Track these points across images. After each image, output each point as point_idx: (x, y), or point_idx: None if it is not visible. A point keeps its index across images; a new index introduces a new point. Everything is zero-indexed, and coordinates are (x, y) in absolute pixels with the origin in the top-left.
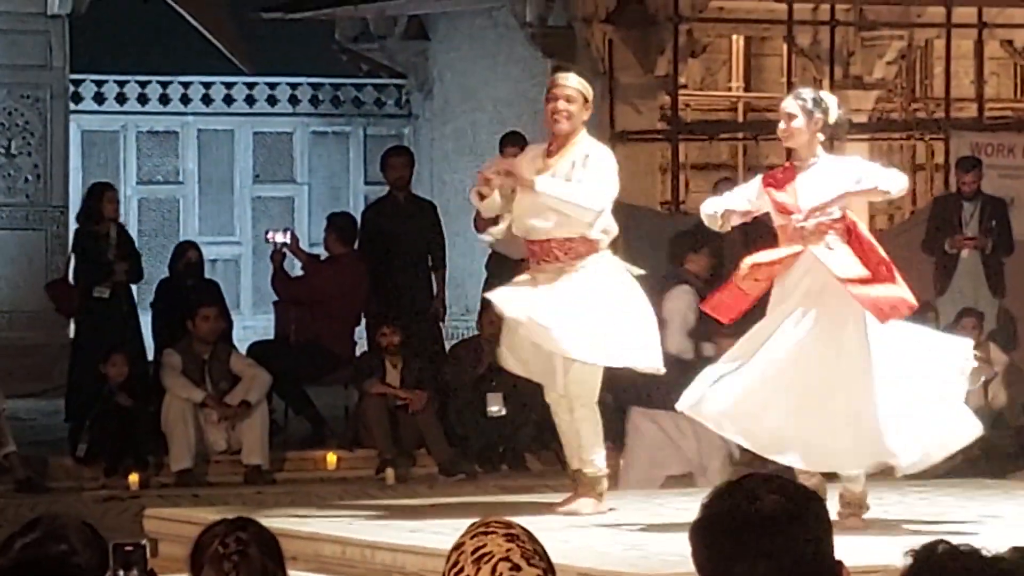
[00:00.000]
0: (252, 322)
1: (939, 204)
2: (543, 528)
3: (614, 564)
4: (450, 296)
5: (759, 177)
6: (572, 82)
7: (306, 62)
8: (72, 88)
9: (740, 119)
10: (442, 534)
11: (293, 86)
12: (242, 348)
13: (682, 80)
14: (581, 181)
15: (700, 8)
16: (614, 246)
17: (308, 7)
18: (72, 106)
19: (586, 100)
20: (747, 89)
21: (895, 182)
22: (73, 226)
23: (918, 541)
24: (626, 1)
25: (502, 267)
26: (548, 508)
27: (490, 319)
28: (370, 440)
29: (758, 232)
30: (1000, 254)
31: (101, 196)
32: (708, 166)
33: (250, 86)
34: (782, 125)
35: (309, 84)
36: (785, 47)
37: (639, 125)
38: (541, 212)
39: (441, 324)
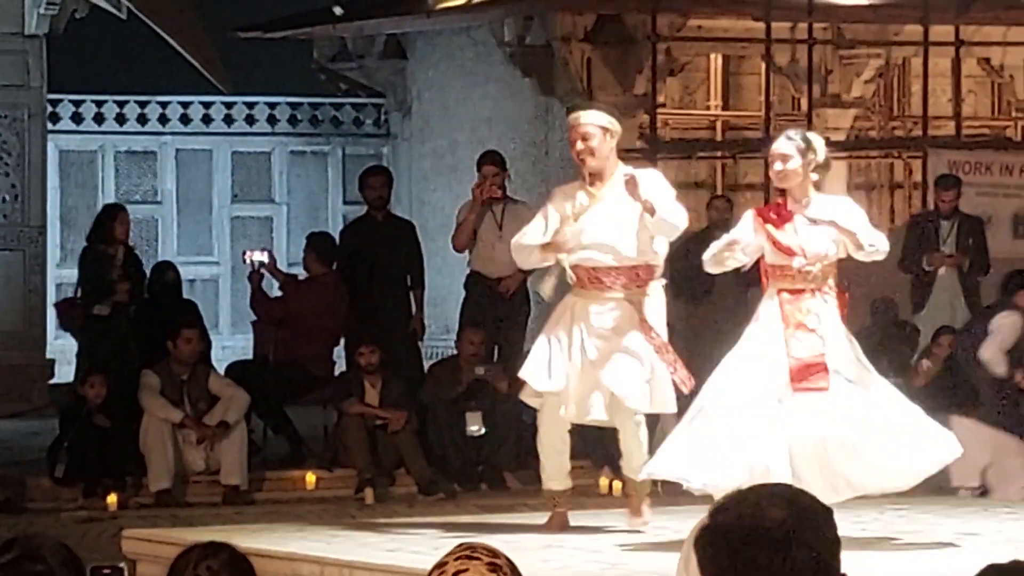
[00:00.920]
0: (231, 342)
1: (916, 222)
2: (521, 548)
3: None
4: (429, 315)
5: (750, 214)
6: (586, 119)
7: (284, 82)
8: (50, 108)
9: (719, 138)
10: (421, 553)
11: (271, 106)
12: (220, 368)
13: (660, 99)
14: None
15: (678, 27)
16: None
17: (286, 27)
18: (50, 126)
19: (605, 130)
20: (725, 108)
21: (875, 240)
22: (52, 245)
23: (897, 558)
24: (605, 20)
25: (480, 286)
26: (528, 527)
27: (469, 339)
28: (349, 460)
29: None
30: (975, 273)
31: (114, 217)
32: (687, 185)
33: (228, 106)
34: (778, 166)
35: (287, 104)
36: (763, 66)
37: (618, 144)
38: (617, 240)
39: (420, 343)
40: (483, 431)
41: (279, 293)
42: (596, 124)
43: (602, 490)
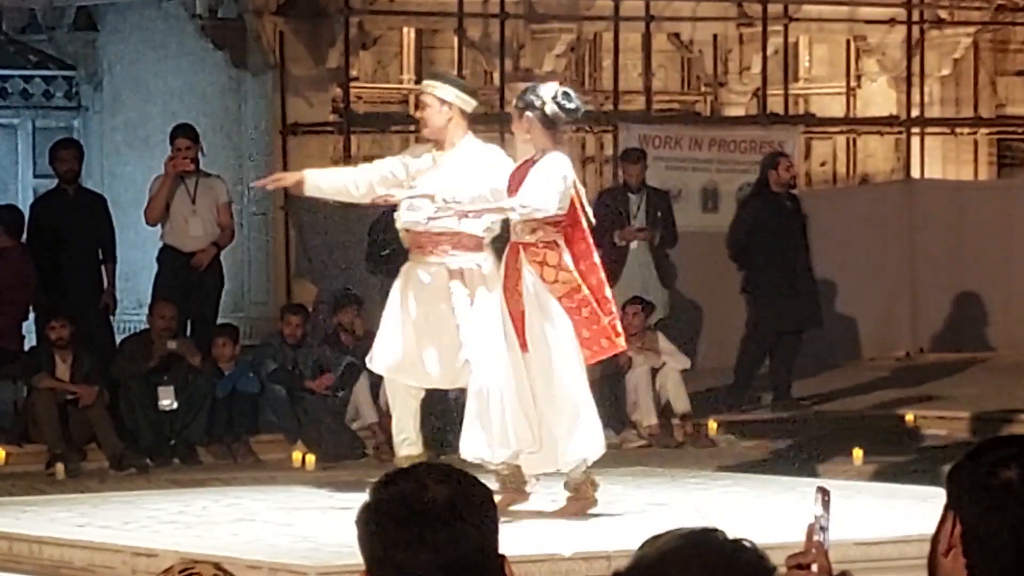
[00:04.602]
0: None
1: (605, 197)
2: (212, 521)
3: (284, 556)
4: (121, 290)
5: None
6: (426, 88)
7: None
8: None
9: (411, 111)
10: (111, 528)
11: None
12: None
13: (353, 72)
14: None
15: (371, 0)
16: None
17: None
18: None
19: (443, 102)
20: (418, 81)
21: (529, 205)
22: None
23: (588, 527)
24: None
25: (173, 260)
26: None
27: (161, 313)
28: (39, 435)
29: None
30: (665, 246)
31: None
32: (380, 159)
33: None
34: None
35: None
36: (456, 40)
37: (311, 118)
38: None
39: (112, 317)
40: (175, 405)
41: None
42: (434, 95)
43: (295, 463)
